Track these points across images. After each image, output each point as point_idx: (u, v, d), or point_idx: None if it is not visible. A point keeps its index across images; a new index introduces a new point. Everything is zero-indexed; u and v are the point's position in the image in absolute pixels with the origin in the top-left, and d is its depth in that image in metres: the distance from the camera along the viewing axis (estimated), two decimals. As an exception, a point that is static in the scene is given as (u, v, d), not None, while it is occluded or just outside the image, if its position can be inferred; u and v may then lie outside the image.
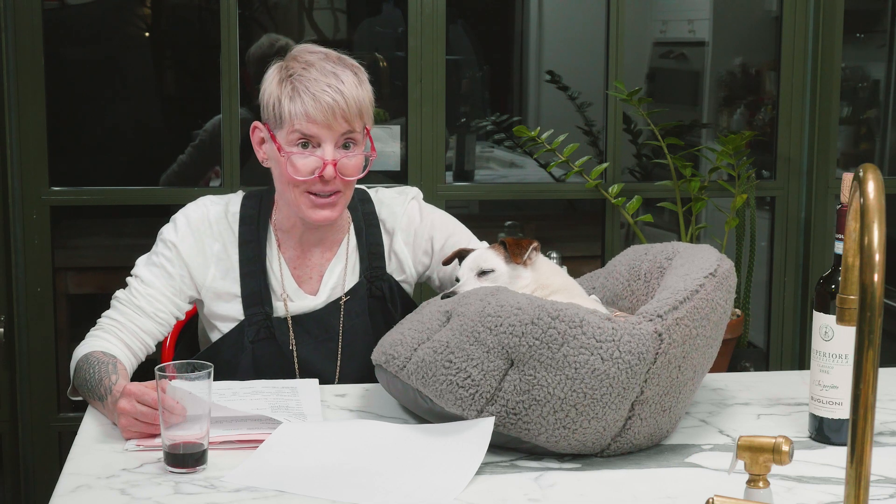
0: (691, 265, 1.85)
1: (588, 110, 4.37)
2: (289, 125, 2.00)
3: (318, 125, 1.99)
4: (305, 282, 2.15)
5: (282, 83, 2.01)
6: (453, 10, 4.65)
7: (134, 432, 1.76)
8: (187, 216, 2.12)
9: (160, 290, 2.07)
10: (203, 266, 2.10)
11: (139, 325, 2.05)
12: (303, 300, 2.13)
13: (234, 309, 2.11)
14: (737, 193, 3.05)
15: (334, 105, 1.99)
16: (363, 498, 1.56)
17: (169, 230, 2.11)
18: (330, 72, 2.01)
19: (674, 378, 1.72)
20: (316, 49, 2.08)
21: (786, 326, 3.33)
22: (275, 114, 2.02)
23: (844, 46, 3.25)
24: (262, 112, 2.06)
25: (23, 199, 2.97)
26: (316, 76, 2.00)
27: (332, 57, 2.06)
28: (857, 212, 1.21)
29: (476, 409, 1.70)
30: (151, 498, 1.57)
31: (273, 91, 2.02)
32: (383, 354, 1.85)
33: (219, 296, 2.11)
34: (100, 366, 1.90)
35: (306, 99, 1.98)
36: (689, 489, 1.62)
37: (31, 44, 2.93)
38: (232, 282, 2.11)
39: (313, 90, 1.99)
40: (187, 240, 2.09)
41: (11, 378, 3.02)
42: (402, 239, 2.20)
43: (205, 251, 2.10)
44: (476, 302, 1.75)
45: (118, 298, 2.09)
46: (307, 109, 1.98)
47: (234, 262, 2.11)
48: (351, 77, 2.03)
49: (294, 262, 2.14)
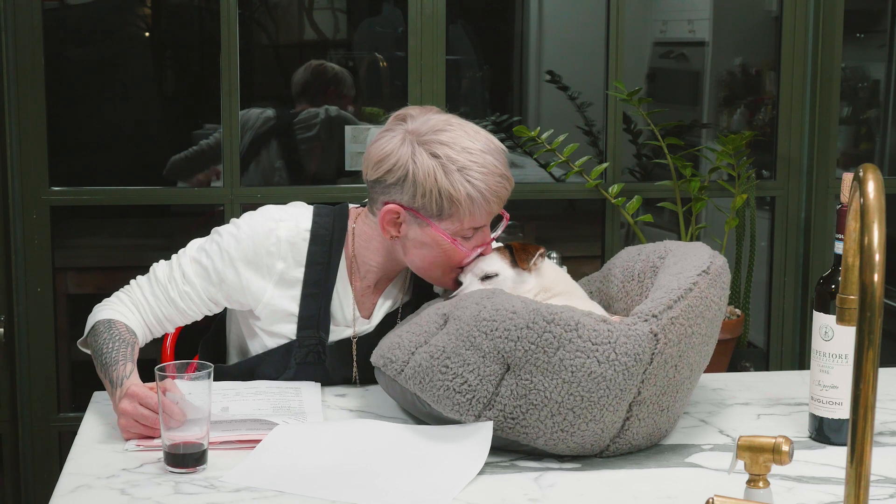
0: (684, 263, 1.85)
1: (588, 110, 4.37)
2: (465, 220, 1.92)
3: (491, 216, 1.96)
4: (366, 308, 2.10)
5: (450, 177, 1.89)
6: (453, 10, 4.64)
7: (133, 433, 1.77)
8: (254, 230, 2.01)
9: (198, 291, 2.03)
10: (261, 285, 2.02)
11: (165, 314, 2.04)
12: (360, 326, 2.09)
13: (289, 329, 2.05)
14: (737, 193, 3.05)
15: (504, 195, 1.95)
16: (362, 498, 1.56)
17: (229, 239, 2.02)
18: (494, 158, 1.93)
19: (671, 377, 1.72)
20: (451, 123, 1.95)
21: (786, 326, 3.33)
22: (440, 208, 1.91)
23: (844, 46, 3.25)
24: (408, 196, 1.92)
25: (23, 199, 2.96)
26: (488, 168, 1.91)
27: (479, 133, 1.96)
28: (857, 212, 1.21)
29: (473, 414, 1.70)
30: (151, 498, 1.57)
31: (440, 184, 1.88)
32: (381, 358, 1.85)
33: (274, 313, 2.04)
34: (119, 343, 1.90)
35: (490, 198, 1.91)
36: (689, 489, 1.62)
37: (31, 44, 2.93)
38: (290, 300, 2.03)
39: (493, 187, 1.91)
40: (247, 255, 2.01)
41: (11, 378, 3.02)
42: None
43: (267, 270, 2.02)
44: (472, 306, 1.75)
45: (157, 277, 2.04)
46: (491, 208, 1.93)
47: (298, 280, 2.03)
48: (501, 156, 1.96)
49: (362, 292, 2.08)
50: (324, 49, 4.63)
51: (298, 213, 2.06)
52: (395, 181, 1.91)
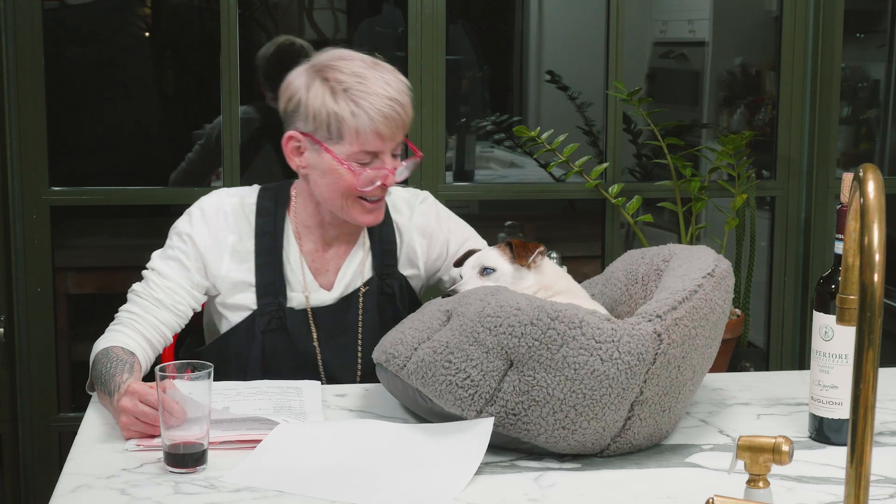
0: (689, 266, 1.85)
1: (588, 110, 4.38)
2: (353, 142, 2.01)
3: (384, 140, 2.02)
4: (322, 274, 2.17)
5: (336, 97, 2.00)
6: (453, 10, 4.64)
7: (134, 432, 1.76)
8: (202, 208, 2.14)
9: (177, 282, 2.09)
10: (218, 256, 2.12)
11: (158, 317, 2.06)
12: (317, 293, 2.16)
13: (248, 298, 2.13)
14: (737, 193, 3.05)
15: (398, 119, 2.02)
16: (362, 498, 1.56)
17: (183, 222, 2.14)
18: (384, 82, 2.02)
19: (673, 378, 1.72)
20: (353, 55, 2.07)
21: (786, 326, 3.33)
22: (331, 129, 2.01)
23: (844, 46, 3.25)
24: (303, 122, 2.04)
25: (23, 199, 2.96)
26: (375, 90, 2.00)
27: (378, 65, 2.06)
28: (857, 212, 1.21)
29: (475, 409, 1.70)
30: (151, 498, 1.57)
31: (327, 105, 2.00)
32: (384, 353, 1.86)
33: (233, 286, 2.12)
34: (117, 362, 1.90)
35: (375, 116, 1.99)
36: (689, 489, 1.62)
37: (31, 44, 2.93)
38: (246, 271, 2.12)
39: (378, 106, 1.99)
40: (202, 231, 2.11)
41: (11, 378, 3.02)
42: (417, 239, 2.22)
43: (220, 242, 2.12)
44: (476, 302, 1.75)
45: (135, 291, 2.10)
46: (377, 128, 2.00)
47: (250, 252, 2.13)
48: (400, 84, 2.05)
49: (312, 255, 2.17)
50: (324, 49, 4.62)
51: (245, 191, 2.18)
52: (294, 108, 2.05)
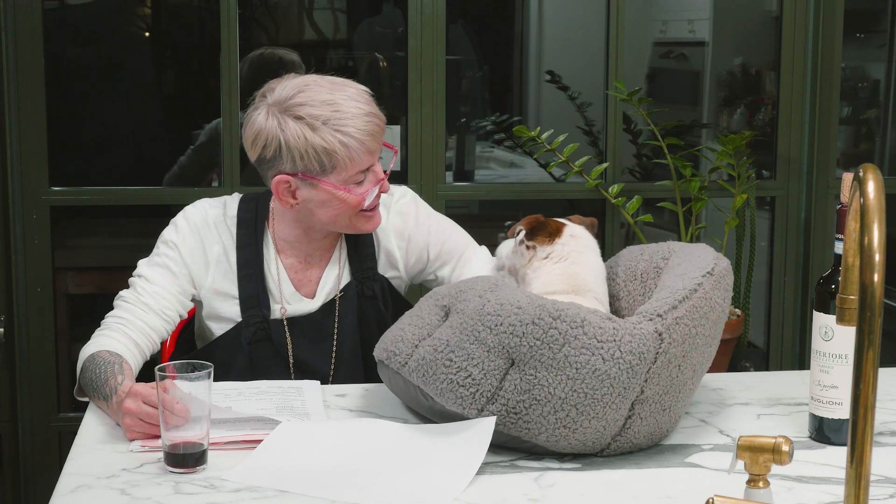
0: (688, 264, 1.85)
1: (588, 110, 4.37)
2: (347, 167, 2.02)
3: (373, 153, 2.05)
4: (305, 286, 2.18)
5: (317, 132, 1.99)
6: (453, 10, 4.65)
7: (138, 433, 1.76)
8: (187, 218, 2.14)
9: (165, 287, 2.10)
10: (203, 267, 2.13)
11: (146, 322, 2.06)
12: (300, 303, 2.16)
13: (232, 310, 2.14)
14: (737, 193, 3.05)
15: (378, 129, 2.05)
16: (363, 498, 1.56)
17: (170, 231, 2.15)
18: (353, 100, 2.03)
19: (674, 377, 1.72)
20: (307, 82, 2.05)
21: (786, 326, 3.33)
22: (322, 162, 2.01)
23: (844, 46, 3.25)
24: (289, 164, 2.01)
25: (23, 199, 2.97)
26: (351, 111, 2.01)
27: (336, 83, 2.06)
28: (857, 212, 1.21)
29: (476, 407, 1.70)
30: (151, 498, 1.57)
31: (312, 143, 1.99)
32: (384, 351, 1.86)
33: (218, 296, 2.14)
34: (106, 366, 1.90)
35: (362, 137, 2.01)
36: (689, 489, 1.62)
37: (31, 44, 2.93)
38: (230, 283, 2.14)
39: (360, 126, 2.01)
40: (188, 240, 2.12)
41: (11, 378, 3.02)
42: (394, 241, 2.22)
43: (205, 252, 2.13)
44: (475, 299, 1.75)
45: (123, 298, 2.10)
46: (367, 147, 2.02)
47: (233, 264, 2.14)
48: (363, 94, 2.06)
49: (294, 268, 2.17)
50: (324, 49, 4.63)
51: (226, 201, 2.18)
52: (273, 154, 2.02)
